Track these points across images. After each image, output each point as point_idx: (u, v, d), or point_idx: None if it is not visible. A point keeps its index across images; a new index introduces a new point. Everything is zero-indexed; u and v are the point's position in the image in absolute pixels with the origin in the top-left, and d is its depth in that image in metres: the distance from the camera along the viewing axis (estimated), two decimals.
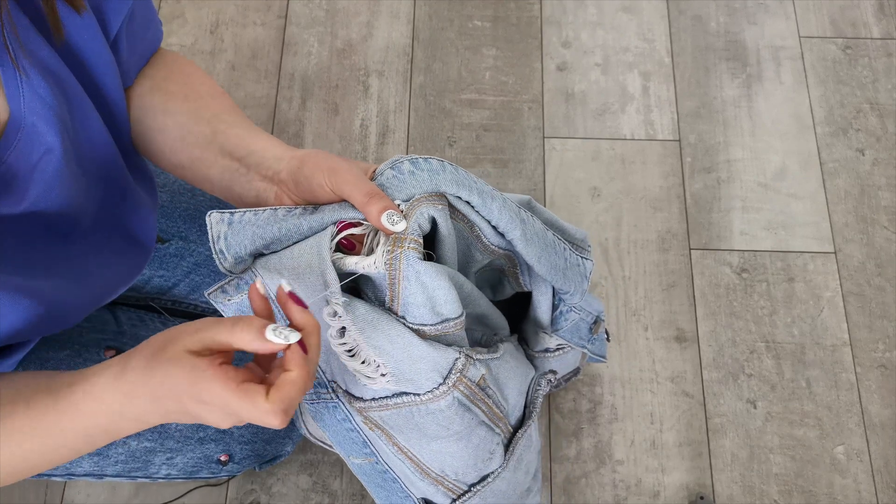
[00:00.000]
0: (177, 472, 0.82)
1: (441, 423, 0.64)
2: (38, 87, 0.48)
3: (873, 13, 1.29)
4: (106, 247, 0.60)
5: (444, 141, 1.19)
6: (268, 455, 0.88)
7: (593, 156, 1.18)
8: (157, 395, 0.48)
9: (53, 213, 0.52)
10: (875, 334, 1.07)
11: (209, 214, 0.58)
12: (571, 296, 0.74)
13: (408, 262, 0.56)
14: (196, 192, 0.85)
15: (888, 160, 1.18)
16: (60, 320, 0.53)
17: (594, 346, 0.87)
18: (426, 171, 0.63)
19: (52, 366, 0.74)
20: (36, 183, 0.49)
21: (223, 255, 0.58)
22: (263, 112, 1.21)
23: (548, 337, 0.81)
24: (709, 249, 1.12)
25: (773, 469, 1.00)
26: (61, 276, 0.54)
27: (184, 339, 0.48)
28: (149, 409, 0.49)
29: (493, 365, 0.67)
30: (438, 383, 0.61)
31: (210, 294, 0.59)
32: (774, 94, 1.22)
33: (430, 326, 0.60)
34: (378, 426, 0.68)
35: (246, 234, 0.60)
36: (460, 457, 0.69)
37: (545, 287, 0.74)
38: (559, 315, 0.77)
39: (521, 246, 0.65)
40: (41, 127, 0.49)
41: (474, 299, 0.68)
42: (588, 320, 0.82)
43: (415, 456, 0.69)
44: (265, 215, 0.60)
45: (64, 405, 0.50)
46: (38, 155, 0.49)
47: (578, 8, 1.29)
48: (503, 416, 0.71)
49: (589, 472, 1.00)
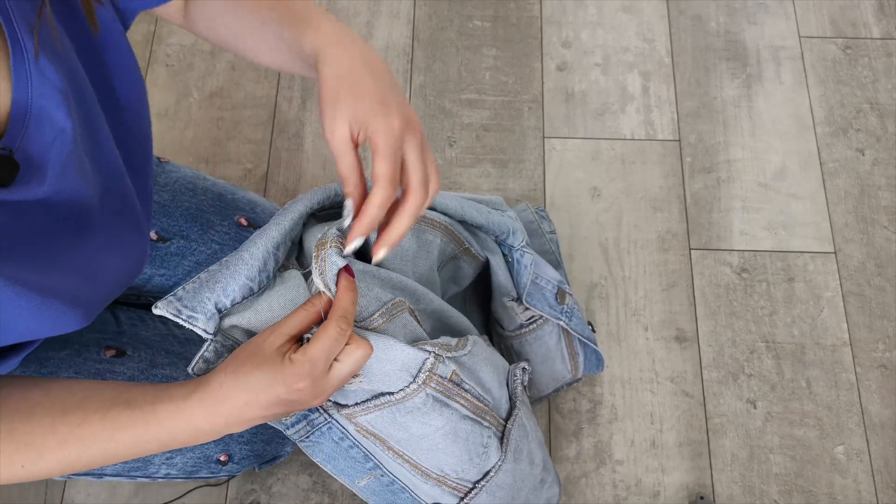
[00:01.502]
0: (176, 471, 0.82)
1: (421, 420, 0.68)
2: (46, 69, 0.48)
3: (873, 13, 1.29)
4: (115, 241, 0.60)
5: (444, 141, 1.19)
6: (267, 455, 0.88)
7: (593, 156, 1.18)
8: (248, 400, 0.55)
9: (68, 201, 0.52)
10: (875, 334, 1.07)
11: (154, 308, 0.60)
12: (514, 237, 0.84)
13: (331, 260, 0.60)
14: (197, 191, 0.85)
15: (888, 160, 1.18)
16: (75, 318, 0.54)
17: (574, 323, 0.88)
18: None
19: (52, 365, 0.74)
20: (53, 164, 0.50)
21: (194, 319, 0.61)
22: (263, 112, 1.21)
23: (517, 308, 0.87)
24: (709, 249, 1.12)
25: (773, 469, 1.00)
26: (76, 271, 0.54)
27: (270, 340, 0.57)
28: (234, 418, 0.56)
29: (464, 360, 0.71)
30: (408, 382, 0.66)
31: (194, 368, 0.62)
32: (774, 94, 1.22)
33: (372, 318, 0.66)
34: (371, 433, 0.70)
35: (203, 294, 0.62)
36: (452, 452, 0.70)
37: (493, 246, 0.85)
38: (518, 277, 0.85)
39: (438, 201, 0.78)
40: (51, 109, 0.49)
41: (423, 294, 0.74)
42: (550, 287, 0.88)
43: (411, 458, 0.71)
44: (206, 274, 0.64)
45: (149, 420, 0.56)
46: (52, 136, 0.49)
47: (578, 8, 1.29)
48: (489, 408, 0.73)
49: (589, 472, 1.00)
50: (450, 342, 0.71)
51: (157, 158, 0.86)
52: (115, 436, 0.55)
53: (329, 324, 0.57)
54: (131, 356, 0.77)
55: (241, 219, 0.86)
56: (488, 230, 0.83)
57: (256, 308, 0.63)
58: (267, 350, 0.56)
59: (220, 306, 0.61)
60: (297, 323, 0.59)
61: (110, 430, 0.55)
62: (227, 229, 0.84)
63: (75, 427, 0.55)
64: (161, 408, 0.56)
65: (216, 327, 0.61)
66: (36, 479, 0.56)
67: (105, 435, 0.55)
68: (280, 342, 0.57)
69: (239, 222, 0.85)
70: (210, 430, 0.57)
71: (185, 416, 0.56)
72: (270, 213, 0.89)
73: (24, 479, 0.56)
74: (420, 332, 0.70)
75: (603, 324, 1.07)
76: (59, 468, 0.56)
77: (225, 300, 0.61)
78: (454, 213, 0.80)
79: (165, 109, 1.21)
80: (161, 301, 0.60)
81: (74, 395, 0.57)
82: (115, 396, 0.57)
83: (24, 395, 0.56)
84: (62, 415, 0.55)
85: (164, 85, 1.23)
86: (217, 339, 0.62)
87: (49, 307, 0.51)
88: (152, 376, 0.77)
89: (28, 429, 0.54)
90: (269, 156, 1.18)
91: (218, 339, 0.62)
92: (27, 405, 0.55)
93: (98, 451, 0.56)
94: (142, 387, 0.58)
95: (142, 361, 0.77)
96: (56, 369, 0.74)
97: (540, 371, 0.93)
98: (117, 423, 0.55)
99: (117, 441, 0.56)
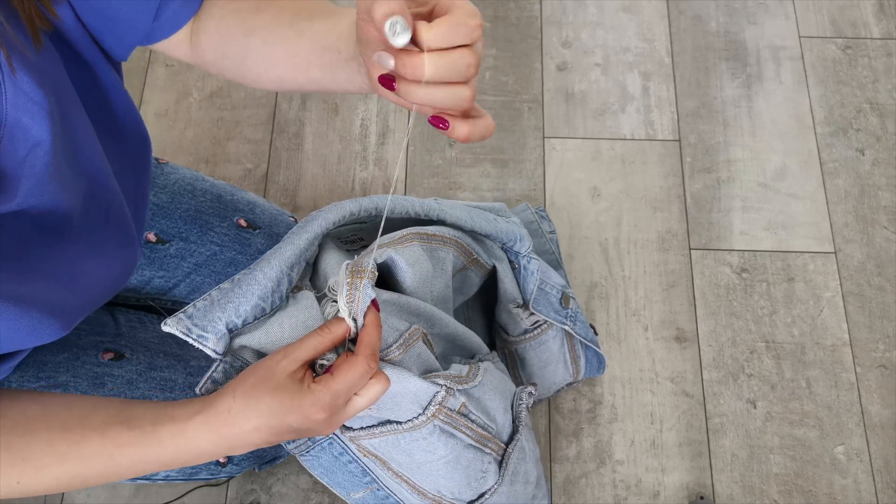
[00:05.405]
0: (176, 473, 0.82)
1: (426, 448, 0.68)
2: (23, 82, 0.47)
3: (873, 13, 1.28)
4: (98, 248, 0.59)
5: (443, 141, 1.19)
6: (267, 455, 0.88)
7: (593, 156, 1.18)
8: (258, 426, 0.54)
9: (46, 211, 0.52)
10: (875, 334, 1.07)
11: (163, 325, 0.59)
12: (521, 244, 0.83)
13: (365, 292, 0.60)
14: (196, 193, 0.85)
15: (888, 160, 1.18)
16: (55, 327, 0.53)
17: (578, 327, 0.88)
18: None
19: (50, 369, 0.73)
20: (26, 178, 0.49)
21: (204, 339, 0.59)
22: (263, 112, 1.21)
23: (522, 314, 0.87)
24: (709, 249, 1.12)
25: (773, 469, 1.00)
26: (55, 280, 0.53)
27: (283, 365, 0.55)
28: (240, 441, 0.55)
29: (473, 392, 0.71)
30: (418, 413, 0.66)
31: (202, 389, 0.61)
32: (774, 94, 1.22)
33: (390, 349, 0.65)
34: (372, 454, 0.71)
35: (213, 313, 0.61)
36: (452, 478, 0.71)
37: (500, 253, 0.85)
38: (524, 283, 0.85)
39: (449, 213, 0.77)
40: (26, 122, 0.48)
41: (439, 319, 0.73)
42: (554, 293, 0.88)
43: (410, 479, 0.72)
44: (218, 292, 0.63)
45: (150, 441, 0.55)
46: (26, 150, 0.48)
47: (578, 8, 1.29)
48: (492, 436, 0.74)
49: (589, 472, 1.00)
50: (461, 372, 0.70)
51: (155, 160, 0.86)
52: (115, 454, 0.55)
53: (358, 360, 0.56)
54: (129, 359, 0.77)
55: (240, 220, 0.85)
56: (496, 238, 0.82)
57: (268, 329, 0.62)
58: (280, 375, 0.55)
59: (230, 326, 0.60)
60: (312, 348, 0.58)
61: (110, 449, 0.54)
62: (227, 230, 0.84)
63: (74, 444, 0.54)
64: (162, 429, 0.55)
65: (226, 347, 0.60)
66: (32, 494, 0.55)
67: (104, 453, 0.54)
68: (293, 368, 0.56)
69: (238, 223, 0.85)
70: (212, 452, 0.56)
71: (187, 437, 0.55)
72: (270, 214, 0.89)
73: (21, 494, 0.55)
74: (432, 360, 0.70)
75: (603, 324, 1.07)
76: (57, 485, 0.55)
77: (236, 320, 0.60)
78: (465, 224, 0.79)
79: (165, 109, 1.21)
80: (171, 318, 0.59)
81: (74, 412, 0.56)
82: (115, 414, 0.56)
83: (22, 410, 0.55)
84: (61, 431, 0.54)
85: (164, 85, 1.23)
86: (227, 359, 0.61)
87: (24, 316, 0.50)
88: (151, 378, 0.77)
89: (26, 444, 0.53)
90: (269, 156, 1.18)
91: (227, 360, 0.61)
92: (25, 420, 0.55)
93: (97, 469, 0.55)
94: (143, 405, 0.57)
95: (140, 364, 0.77)
96: (54, 373, 0.73)
97: (542, 375, 0.93)
98: (117, 442, 0.54)
99: (117, 461, 0.55)
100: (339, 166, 1.17)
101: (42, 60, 0.50)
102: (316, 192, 1.15)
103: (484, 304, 0.95)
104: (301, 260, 0.66)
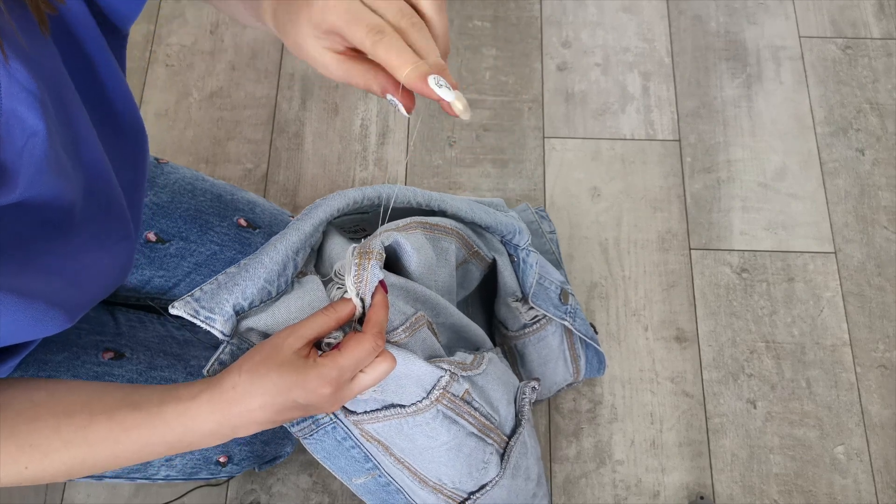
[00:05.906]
0: (176, 473, 0.82)
1: (429, 434, 0.68)
2: (16, 71, 0.47)
3: (873, 13, 1.28)
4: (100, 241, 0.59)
5: (444, 141, 1.19)
6: (267, 456, 0.88)
7: (593, 156, 1.18)
8: (263, 403, 0.54)
9: (47, 204, 0.52)
10: (875, 334, 1.07)
11: (171, 308, 0.60)
12: (520, 236, 0.84)
13: (373, 272, 0.61)
14: (196, 192, 0.85)
15: (888, 160, 1.18)
16: (60, 319, 0.53)
17: (578, 324, 0.89)
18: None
19: (50, 368, 0.73)
20: (26, 168, 0.49)
21: (212, 321, 0.60)
22: (263, 112, 1.21)
23: (521, 308, 0.87)
24: (709, 249, 1.12)
25: (773, 469, 1.00)
26: (58, 273, 0.53)
27: (289, 342, 0.56)
28: (245, 419, 0.55)
29: (477, 380, 0.71)
30: (421, 397, 0.66)
31: (209, 371, 0.61)
32: (774, 94, 1.22)
33: (396, 331, 0.65)
34: (375, 438, 0.71)
35: (221, 295, 0.62)
36: (453, 466, 0.71)
37: (499, 247, 0.86)
38: (523, 276, 0.86)
39: (450, 204, 0.78)
40: (22, 111, 0.48)
41: (444, 308, 0.74)
42: (553, 288, 0.89)
43: (412, 466, 0.72)
44: (224, 277, 0.63)
45: (155, 422, 0.55)
46: (23, 140, 0.48)
47: (578, 8, 1.29)
48: (495, 426, 0.73)
49: (589, 472, 1.00)
50: (465, 360, 0.71)
51: (155, 159, 0.86)
52: (121, 437, 0.55)
53: (366, 337, 0.57)
54: (130, 358, 0.77)
55: (240, 219, 0.85)
56: (495, 230, 0.83)
57: (274, 311, 0.62)
58: (286, 352, 0.56)
59: (237, 308, 0.61)
60: (318, 326, 0.58)
61: (116, 432, 0.55)
62: (227, 230, 0.84)
63: (80, 428, 0.54)
64: (168, 408, 0.55)
65: (233, 329, 0.61)
66: (40, 481, 0.55)
67: (111, 437, 0.55)
68: (299, 345, 0.56)
69: (238, 223, 0.85)
70: (217, 433, 0.56)
71: (191, 416, 0.55)
72: (270, 214, 0.89)
73: (29, 481, 0.55)
74: (437, 347, 0.70)
75: (603, 324, 1.07)
76: (65, 470, 0.55)
77: (243, 302, 0.61)
78: (465, 215, 0.79)
79: (165, 109, 1.21)
80: (178, 301, 0.59)
81: (79, 397, 0.56)
82: (122, 398, 0.56)
83: (28, 396, 0.55)
84: (67, 416, 0.54)
85: (164, 85, 1.23)
86: (233, 341, 0.61)
87: (28, 308, 0.50)
88: (151, 378, 0.77)
89: (32, 430, 0.54)
90: (268, 156, 1.18)
91: (234, 342, 0.61)
92: (31, 406, 0.55)
93: (104, 453, 0.55)
94: (149, 388, 0.58)
95: (140, 363, 0.77)
96: (54, 372, 0.73)
97: (542, 373, 0.93)
98: (124, 425, 0.55)
99: (123, 443, 0.55)
100: (339, 166, 1.17)
101: (37, 52, 0.50)
102: (316, 192, 1.15)
103: (484, 300, 0.95)
104: (306, 245, 0.67)
